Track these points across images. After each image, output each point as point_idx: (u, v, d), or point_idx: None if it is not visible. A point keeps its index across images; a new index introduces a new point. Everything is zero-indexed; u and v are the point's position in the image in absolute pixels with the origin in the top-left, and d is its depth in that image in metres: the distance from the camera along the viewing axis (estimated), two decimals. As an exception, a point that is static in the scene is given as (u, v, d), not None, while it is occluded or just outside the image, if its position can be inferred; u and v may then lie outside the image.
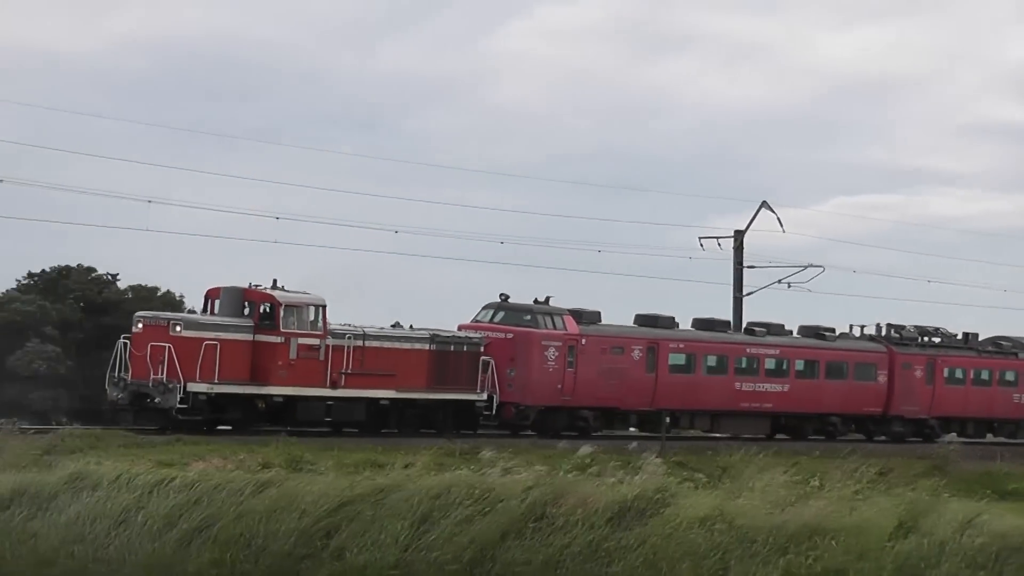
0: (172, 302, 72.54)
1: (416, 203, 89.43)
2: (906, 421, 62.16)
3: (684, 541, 25.49)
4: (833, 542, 24.90)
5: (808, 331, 60.50)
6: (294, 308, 45.26)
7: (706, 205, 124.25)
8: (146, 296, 63.04)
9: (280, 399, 45.30)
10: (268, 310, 45.01)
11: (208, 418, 44.06)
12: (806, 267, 69.27)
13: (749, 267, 70.06)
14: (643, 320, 55.38)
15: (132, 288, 73.08)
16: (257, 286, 45.53)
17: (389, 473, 30.43)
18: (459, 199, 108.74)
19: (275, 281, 45.73)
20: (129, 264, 76.49)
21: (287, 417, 45.25)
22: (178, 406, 42.90)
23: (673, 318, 56.59)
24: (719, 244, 70.43)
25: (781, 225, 70.03)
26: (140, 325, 44.08)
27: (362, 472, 33.39)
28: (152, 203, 60.64)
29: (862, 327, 63.76)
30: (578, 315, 52.54)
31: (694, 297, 66.88)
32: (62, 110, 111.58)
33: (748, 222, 70.19)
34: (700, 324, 57.51)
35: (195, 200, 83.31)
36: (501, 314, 52.16)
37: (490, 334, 50.96)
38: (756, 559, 23.76)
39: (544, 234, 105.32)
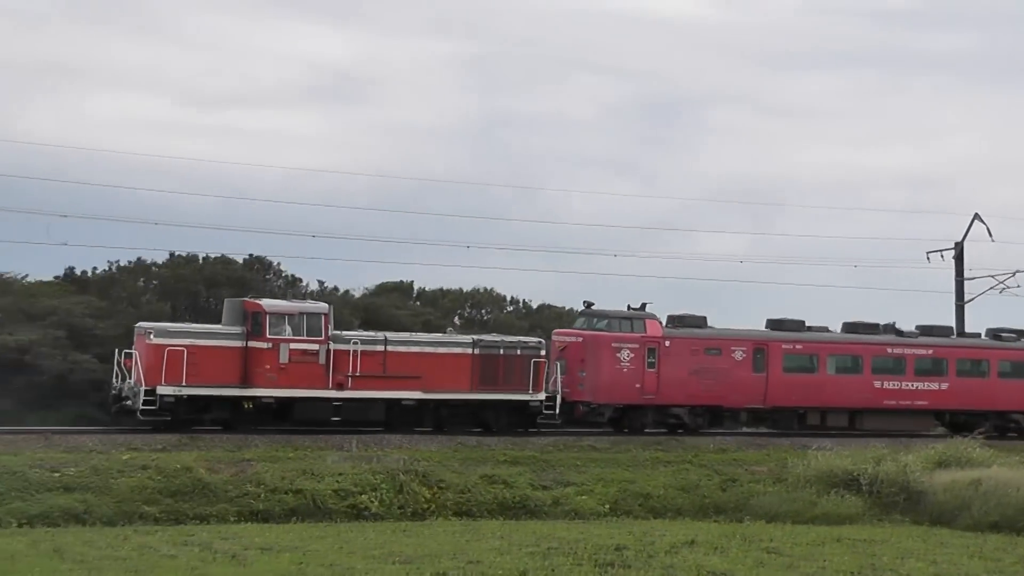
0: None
1: None
2: None
3: None
4: None
5: (989, 333, 52.58)
6: (283, 316, 39.67)
7: None
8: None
9: (270, 400, 39.68)
10: (258, 318, 39.56)
11: (184, 418, 38.94)
12: None
13: None
14: (773, 324, 49.03)
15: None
16: (254, 298, 41.33)
17: None
18: None
19: (290, 293, 42.11)
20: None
21: (286, 417, 40.32)
22: (142, 407, 38.12)
23: (803, 322, 49.23)
24: None
25: None
26: (136, 336, 39.98)
27: None
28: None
29: None
30: (678, 320, 46.67)
31: None
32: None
33: None
34: (847, 328, 49.99)
35: None
36: (583, 320, 46.93)
37: (566, 338, 45.51)
38: None
39: None
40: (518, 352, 42.17)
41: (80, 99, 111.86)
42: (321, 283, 68.83)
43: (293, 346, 39.21)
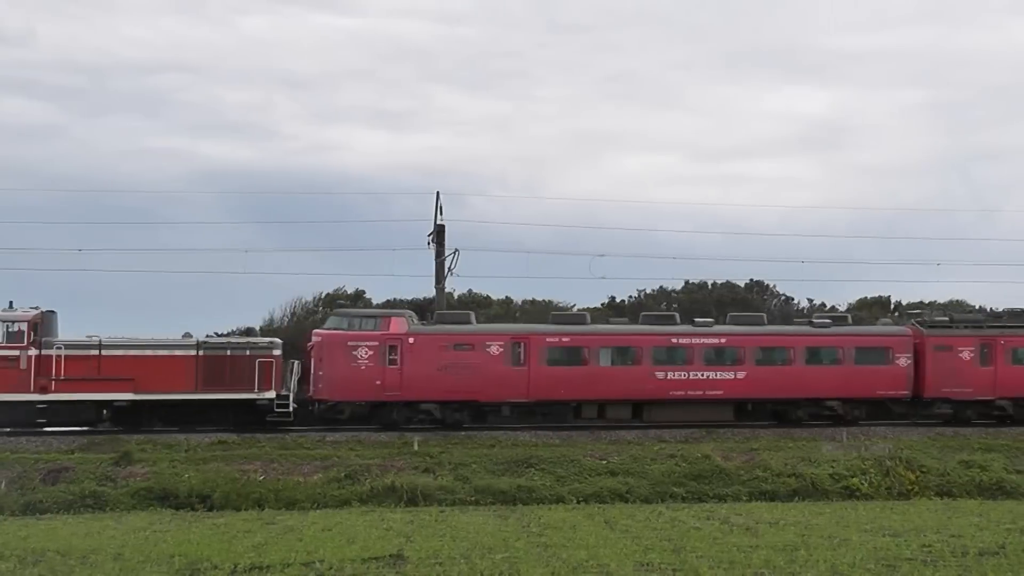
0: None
1: None
2: (956, 403, 42.29)
3: None
4: None
5: (819, 321, 43.29)
6: None
7: None
8: None
9: None
10: None
11: None
12: None
13: None
14: (558, 318, 41.90)
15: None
16: None
17: None
18: None
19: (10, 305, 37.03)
20: None
21: None
22: None
23: (585, 316, 42.61)
24: None
25: None
26: None
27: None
28: None
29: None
30: (439, 317, 40.78)
31: None
32: None
33: None
34: (647, 319, 42.25)
35: None
36: (331, 320, 40.76)
37: (314, 338, 39.73)
38: None
39: None
40: (246, 352, 37.70)
41: (612, 160, 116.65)
42: (810, 300, 68.19)
43: None
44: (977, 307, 67.63)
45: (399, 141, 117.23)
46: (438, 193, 46.52)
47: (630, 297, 68.25)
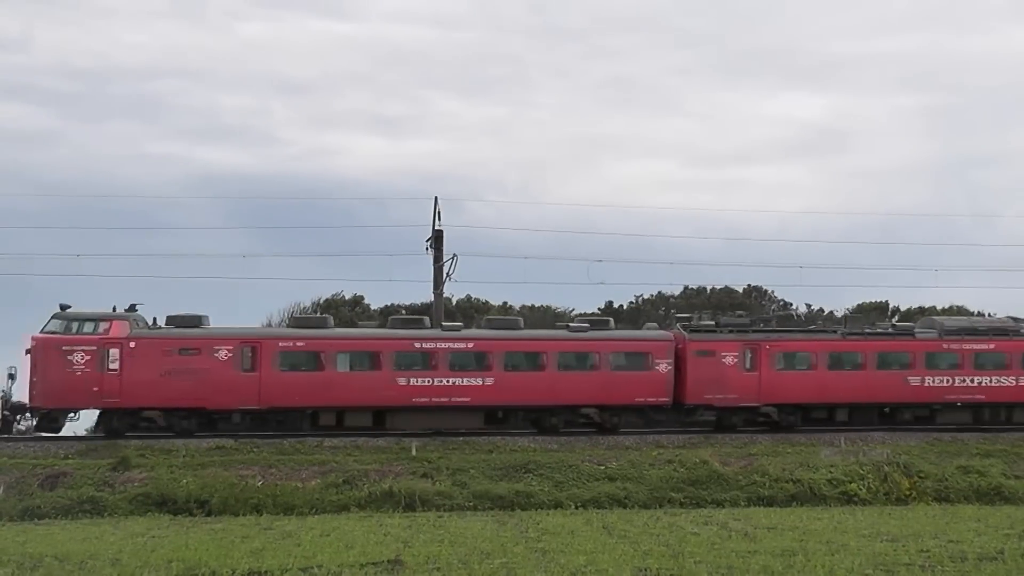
0: None
1: None
2: (719, 409, 40.29)
3: None
4: None
5: (576, 325, 40.89)
6: None
7: None
8: None
9: None
10: None
11: None
12: None
13: None
14: (296, 322, 40.76)
15: None
16: None
17: None
18: None
19: None
20: None
21: None
22: None
23: (326, 318, 40.25)
24: None
25: None
26: None
27: None
28: None
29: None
30: (172, 320, 38.04)
31: None
32: None
33: None
34: (395, 323, 40.32)
35: None
36: (50, 322, 37.41)
37: (30, 342, 37.18)
38: None
39: None
40: None
41: (609, 165, 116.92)
42: (808, 306, 68.17)
43: None
44: (975, 312, 67.62)
45: (397, 146, 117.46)
46: (436, 198, 46.79)
47: (629, 302, 68.23)
